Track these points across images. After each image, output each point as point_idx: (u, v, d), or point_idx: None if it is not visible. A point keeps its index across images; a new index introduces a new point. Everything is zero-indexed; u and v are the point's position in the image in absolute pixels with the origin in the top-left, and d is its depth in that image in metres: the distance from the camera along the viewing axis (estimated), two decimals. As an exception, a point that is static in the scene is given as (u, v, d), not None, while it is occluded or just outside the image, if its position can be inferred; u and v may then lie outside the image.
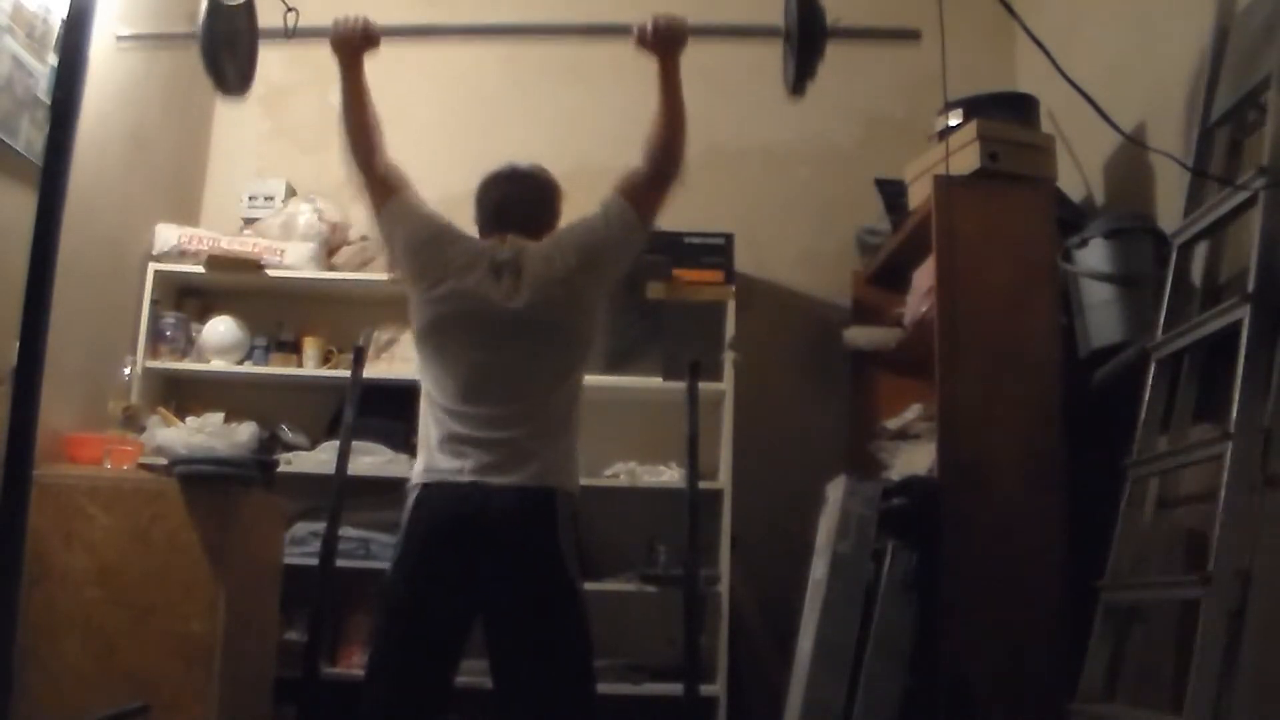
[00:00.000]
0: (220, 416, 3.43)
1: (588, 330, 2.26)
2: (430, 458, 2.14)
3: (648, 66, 4.54)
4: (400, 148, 4.15)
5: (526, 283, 2.18)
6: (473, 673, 2.16)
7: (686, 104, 2.30)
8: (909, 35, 2.26)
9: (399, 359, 3.65)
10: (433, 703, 2.08)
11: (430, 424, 2.18)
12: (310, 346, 3.68)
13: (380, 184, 2.32)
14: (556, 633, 2.06)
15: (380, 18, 4.39)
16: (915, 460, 3.16)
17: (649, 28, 2.28)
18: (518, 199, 2.34)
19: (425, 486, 2.12)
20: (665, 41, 2.29)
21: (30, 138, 2.70)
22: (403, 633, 2.09)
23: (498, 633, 2.10)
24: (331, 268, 3.72)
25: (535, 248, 2.25)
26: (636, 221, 2.26)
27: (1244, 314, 2.08)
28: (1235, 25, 2.52)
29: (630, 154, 4.32)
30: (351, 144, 2.34)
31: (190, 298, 3.78)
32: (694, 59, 4.51)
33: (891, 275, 3.59)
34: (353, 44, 2.34)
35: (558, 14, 4.19)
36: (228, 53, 2.32)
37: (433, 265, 2.22)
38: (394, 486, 2.63)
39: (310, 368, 3.66)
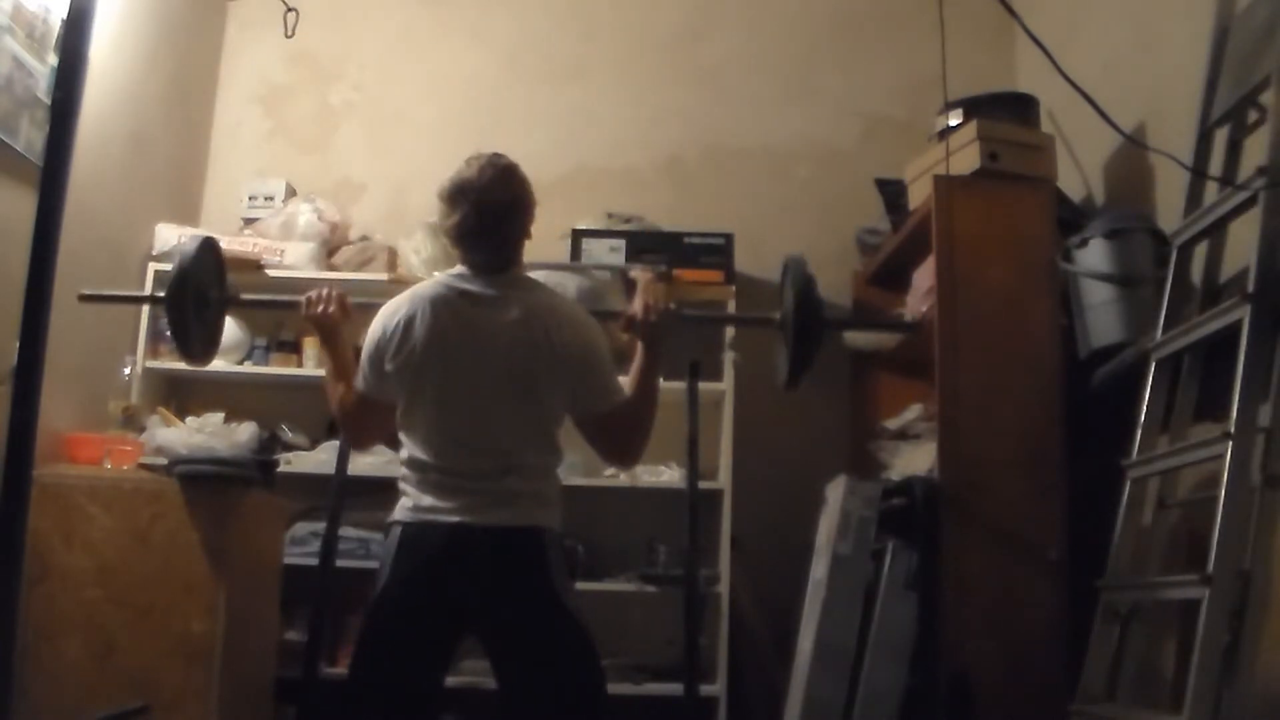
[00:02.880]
0: (220, 416, 3.43)
1: (556, 411, 2.17)
2: (415, 497, 2.10)
3: (647, 66, 4.54)
4: (400, 148, 4.18)
5: (516, 332, 2.11)
6: (473, 673, 2.16)
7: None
8: (906, 328, 2.26)
9: (399, 359, 3.64)
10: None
11: (412, 468, 2.14)
12: (310, 346, 3.67)
13: (388, 431, 2.23)
14: (566, 665, 2.05)
15: (379, 18, 4.40)
16: (915, 460, 3.16)
17: (640, 314, 2.24)
18: (492, 217, 2.14)
19: (410, 525, 2.08)
20: (654, 332, 2.24)
21: (30, 138, 2.70)
22: (383, 671, 2.05)
23: (507, 672, 2.08)
24: (331, 268, 3.71)
25: (546, 303, 2.17)
26: (586, 415, 2.17)
27: (1244, 314, 2.08)
28: (1235, 25, 2.52)
29: (630, 154, 4.34)
30: (354, 440, 2.39)
31: (190, 298, 3.78)
32: (694, 58, 4.53)
33: (891, 275, 3.59)
34: (329, 320, 2.28)
35: (551, 15, 4.23)
36: (196, 318, 2.31)
37: (407, 366, 2.12)
38: (394, 487, 2.62)
39: (310, 368, 3.65)
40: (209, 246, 2.41)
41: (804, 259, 2.40)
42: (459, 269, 2.22)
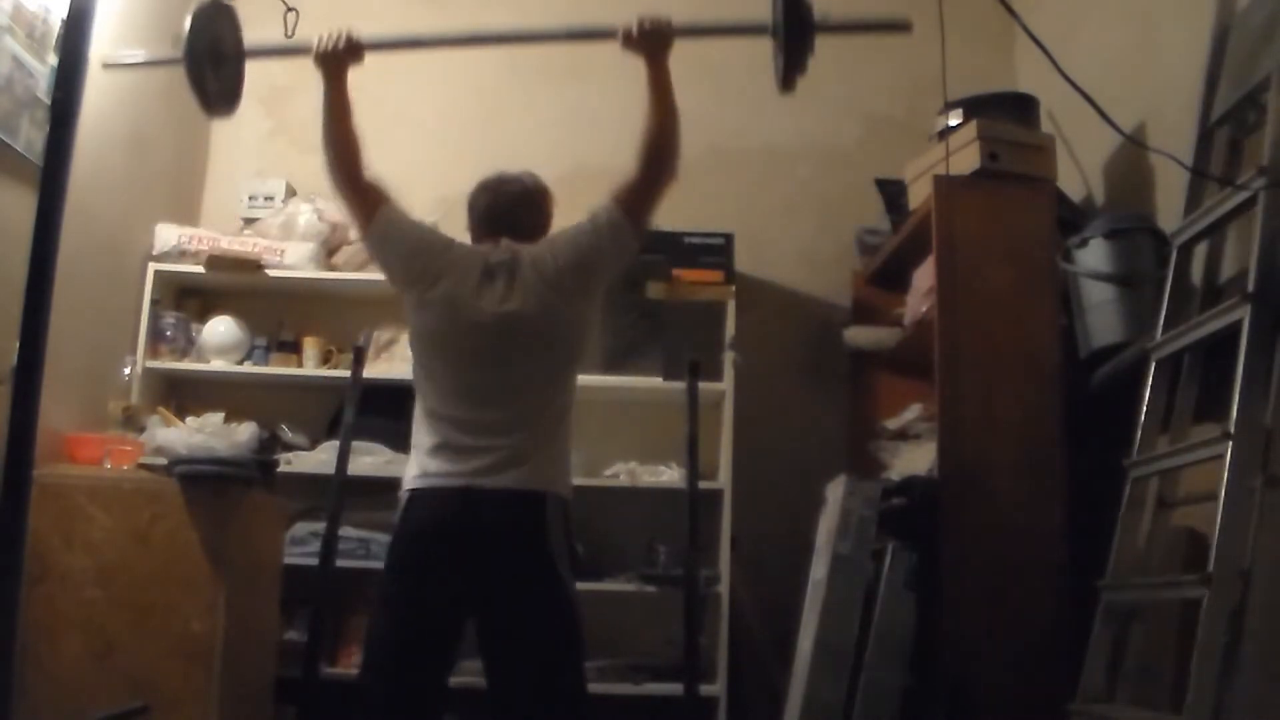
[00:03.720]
0: (220, 416, 3.43)
1: (580, 334, 2.27)
2: (422, 463, 2.16)
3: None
4: (400, 148, 4.18)
5: (519, 286, 2.19)
6: (473, 673, 2.16)
7: (680, 104, 2.27)
8: (900, 27, 2.24)
9: (399, 359, 3.64)
10: (429, 702, 2.09)
11: (422, 430, 2.19)
12: (310, 346, 3.68)
13: (366, 196, 2.31)
14: (546, 632, 2.08)
15: (379, 18, 4.40)
16: (915, 460, 3.16)
17: (634, 29, 2.26)
18: (506, 202, 2.36)
19: (416, 491, 2.14)
20: (651, 42, 2.27)
21: (30, 138, 2.70)
22: (397, 634, 2.10)
23: (489, 632, 2.11)
24: (331, 268, 3.72)
25: (528, 251, 2.26)
26: (627, 224, 2.25)
27: (1244, 314, 2.08)
28: (1235, 25, 2.52)
29: (630, 154, 4.34)
30: (335, 158, 2.31)
31: (190, 298, 3.78)
32: (694, 58, 4.50)
33: (891, 275, 3.59)
34: (336, 56, 2.33)
35: (552, 14, 4.21)
36: (212, 70, 2.32)
37: (427, 270, 2.23)
38: (394, 486, 2.61)
39: (310, 368, 3.66)
40: (219, 6, 2.39)
41: None
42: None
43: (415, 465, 2.18)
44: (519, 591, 2.08)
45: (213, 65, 2.31)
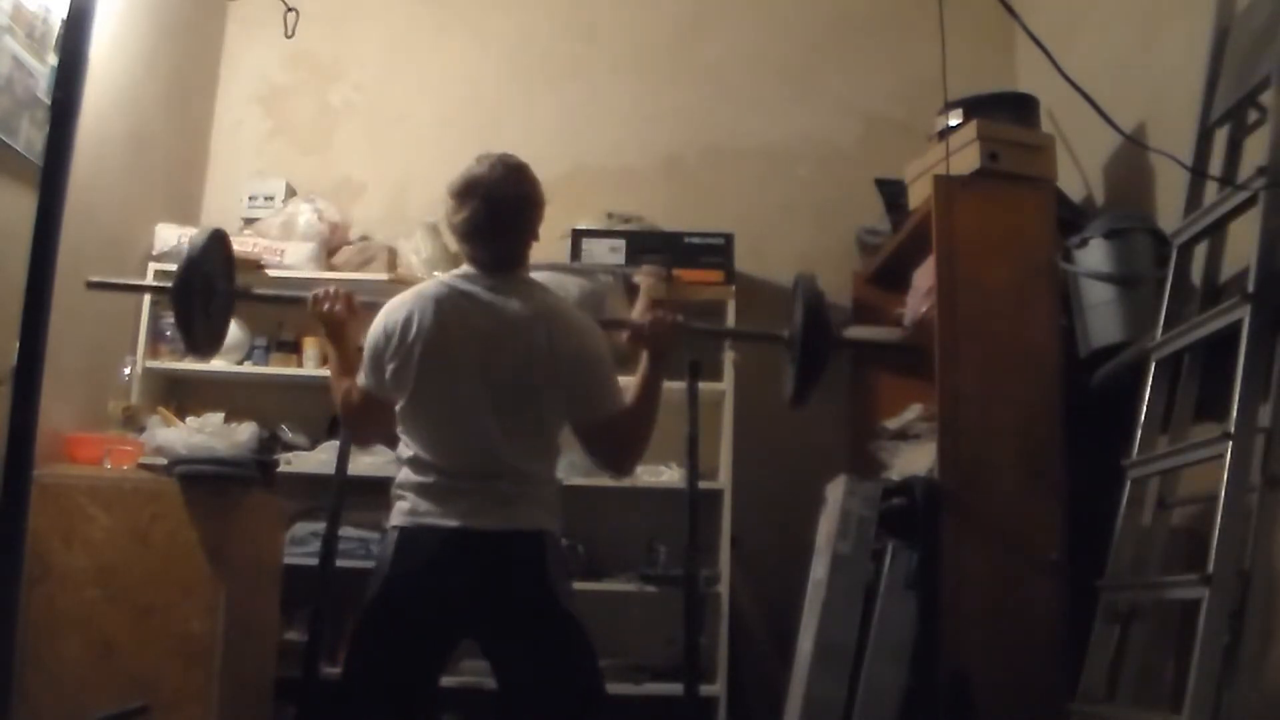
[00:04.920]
0: (220, 416, 3.43)
1: (558, 409, 2.16)
2: (413, 502, 2.10)
3: (647, 66, 4.54)
4: (400, 148, 4.18)
5: (518, 342, 2.10)
6: (473, 673, 2.16)
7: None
8: (910, 351, 2.27)
9: (399, 359, 3.65)
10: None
11: (410, 471, 2.13)
12: (310, 346, 3.68)
13: (392, 420, 2.20)
14: (562, 665, 2.05)
15: (379, 18, 4.40)
16: (915, 460, 3.16)
17: (646, 329, 2.25)
18: (503, 215, 2.14)
19: (408, 530, 2.08)
20: (660, 344, 2.25)
21: (30, 138, 2.70)
22: (377, 673, 2.05)
23: (507, 675, 2.09)
24: (331, 268, 3.71)
25: (543, 311, 2.14)
26: (581, 431, 2.17)
27: (1244, 314, 2.08)
28: (1235, 25, 2.52)
29: (630, 154, 4.34)
30: (366, 435, 2.36)
31: (190, 298, 3.78)
32: (694, 58, 4.52)
33: (891, 275, 3.59)
34: (337, 318, 2.29)
35: (563, 24, 4.22)
36: (201, 310, 2.30)
37: (411, 363, 2.11)
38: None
39: (310, 368, 3.66)
40: (218, 238, 2.41)
41: (815, 276, 2.39)
42: (463, 269, 2.21)
43: (405, 502, 2.11)
44: (526, 630, 2.04)
45: (202, 302, 2.29)
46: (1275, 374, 2.05)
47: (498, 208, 2.13)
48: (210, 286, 2.34)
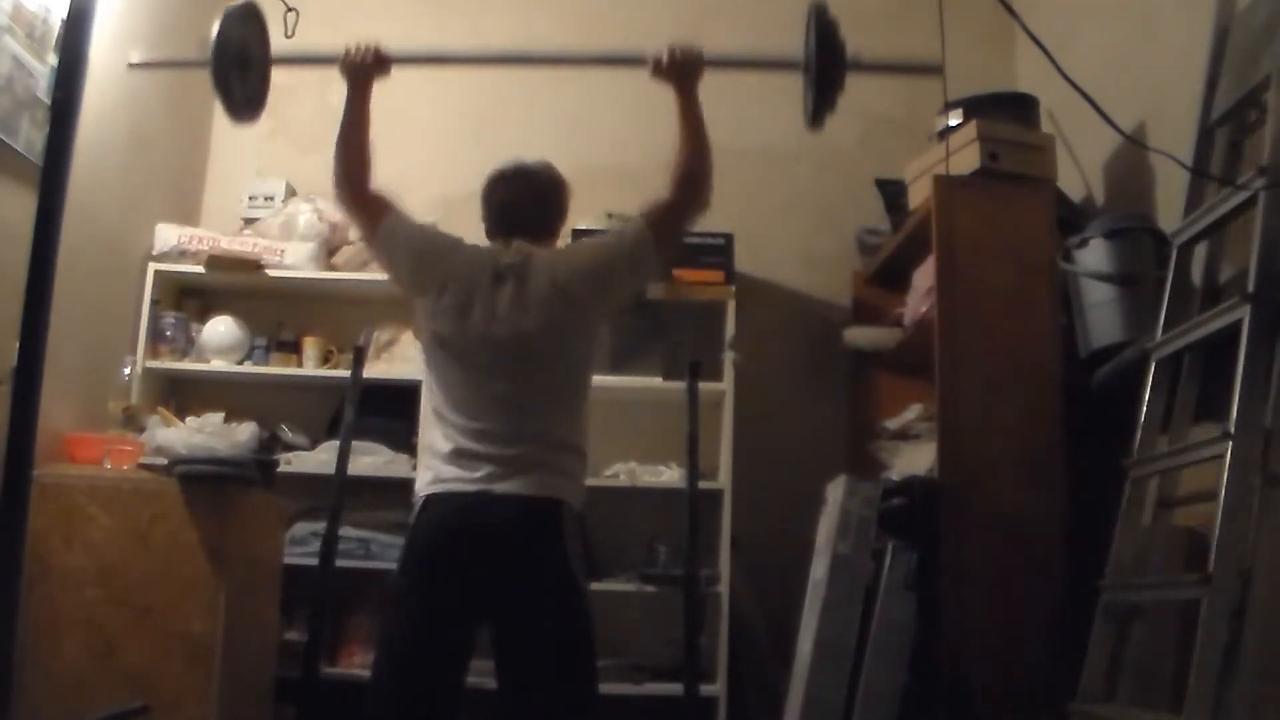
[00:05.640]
0: (220, 416, 3.43)
1: (588, 348, 2.23)
2: (436, 470, 2.13)
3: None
4: (400, 148, 4.17)
5: (530, 295, 2.16)
6: (476, 673, 2.16)
7: (708, 131, 2.26)
8: (931, 70, 2.25)
9: (399, 359, 3.65)
10: (443, 704, 2.07)
11: (437, 437, 2.17)
12: (310, 346, 3.68)
13: (371, 206, 2.31)
14: (560, 635, 2.06)
15: (381, 20, 4.40)
16: (915, 460, 3.16)
17: (664, 58, 2.25)
18: (521, 200, 2.31)
19: (431, 496, 2.12)
20: (681, 71, 2.26)
21: (30, 138, 2.70)
22: (410, 638, 2.07)
23: (502, 634, 2.09)
24: (331, 268, 3.72)
25: (541, 257, 2.22)
26: (650, 244, 2.23)
27: (1244, 314, 2.08)
28: (1235, 25, 2.52)
29: (630, 154, 4.35)
30: (345, 167, 2.33)
31: (190, 298, 3.78)
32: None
33: (891, 275, 3.59)
34: (364, 68, 2.35)
35: (563, 22, 4.22)
36: (238, 76, 2.32)
37: (434, 277, 2.21)
38: (394, 487, 2.62)
39: (310, 368, 3.66)
40: (250, 11, 2.41)
41: (826, 4, 2.33)
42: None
43: (429, 470, 2.16)
44: (535, 596, 2.06)
45: (239, 70, 2.32)
46: (1275, 374, 2.05)
47: (528, 187, 2.35)
48: (245, 55, 2.36)
